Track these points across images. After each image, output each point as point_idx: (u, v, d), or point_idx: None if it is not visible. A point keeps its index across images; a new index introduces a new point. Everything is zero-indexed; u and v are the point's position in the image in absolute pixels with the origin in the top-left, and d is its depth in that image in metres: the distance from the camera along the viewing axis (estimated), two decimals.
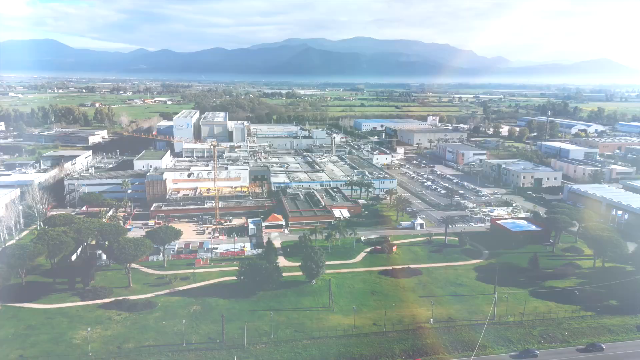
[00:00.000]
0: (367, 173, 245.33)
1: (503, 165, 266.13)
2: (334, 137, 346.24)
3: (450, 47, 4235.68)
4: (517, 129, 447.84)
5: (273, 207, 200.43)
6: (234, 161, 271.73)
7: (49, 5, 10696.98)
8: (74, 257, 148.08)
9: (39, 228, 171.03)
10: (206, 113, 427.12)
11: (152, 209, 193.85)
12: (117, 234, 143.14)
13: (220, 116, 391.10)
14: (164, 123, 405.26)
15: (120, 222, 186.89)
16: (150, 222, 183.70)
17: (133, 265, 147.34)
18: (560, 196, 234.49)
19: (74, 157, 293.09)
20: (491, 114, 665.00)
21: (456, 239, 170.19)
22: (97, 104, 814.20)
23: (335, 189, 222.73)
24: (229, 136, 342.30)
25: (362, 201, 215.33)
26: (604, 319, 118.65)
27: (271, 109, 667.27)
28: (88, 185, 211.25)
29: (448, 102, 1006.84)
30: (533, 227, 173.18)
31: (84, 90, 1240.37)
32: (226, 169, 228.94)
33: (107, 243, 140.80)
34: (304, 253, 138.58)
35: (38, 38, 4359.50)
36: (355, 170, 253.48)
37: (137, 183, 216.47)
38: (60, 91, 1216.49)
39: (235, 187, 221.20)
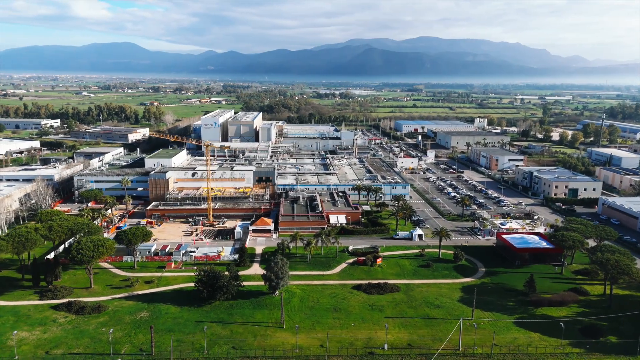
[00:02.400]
0: (379, 177, 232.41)
1: (535, 173, 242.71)
2: (356, 139, 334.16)
3: (521, 45, 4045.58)
4: (570, 133, 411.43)
5: (269, 210, 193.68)
6: (250, 161, 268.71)
7: (128, 11, 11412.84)
8: (52, 255, 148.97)
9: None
10: (239, 112, 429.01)
11: (148, 207, 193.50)
12: (89, 233, 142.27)
13: (250, 116, 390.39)
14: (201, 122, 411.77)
15: (116, 219, 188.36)
16: (143, 222, 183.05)
17: (105, 265, 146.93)
18: (595, 209, 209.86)
19: (104, 153, 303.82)
20: (550, 116, 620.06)
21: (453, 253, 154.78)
22: (155, 103, 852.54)
23: (340, 194, 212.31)
24: (256, 136, 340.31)
25: (366, 207, 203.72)
26: (593, 358, 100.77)
27: (317, 109, 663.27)
28: (96, 182, 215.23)
29: (508, 103, 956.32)
30: (544, 244, 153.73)
31: (151, 90, 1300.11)
32: (231, 169, 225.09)
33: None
34: (267, 263, 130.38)
35: (118, 41, 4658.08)
36: (369, 174, 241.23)
37: (148, 181, 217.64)
38: (130, 91, 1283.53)
39: (239, 188, 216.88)
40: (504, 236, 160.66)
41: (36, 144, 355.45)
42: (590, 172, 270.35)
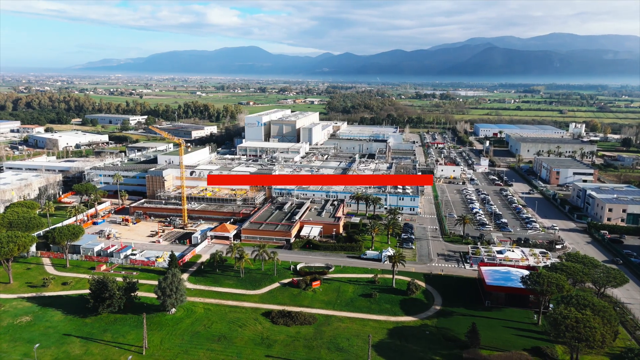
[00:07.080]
0: (389, 186, 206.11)
1: (588, 191, 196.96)
2: (389, 143, 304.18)
3: None
4: None
5: (249, 215, 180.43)
6: (273, 162, 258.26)
7: (256, 17, 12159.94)
8: None
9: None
10: (295, 112, 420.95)
11: (132, 204, 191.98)
12: (28, 228, 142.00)
13: (299, 116, 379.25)
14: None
15: (100, 214, 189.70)
16: (119, 218, 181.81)
17: (45, 260, 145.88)
18: None
19: (150, 148, 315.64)
20: None
21: (419, 283, 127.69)
22: (251, 103, 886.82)
23: (336, 202, 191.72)
24: (298, 136, 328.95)
25: (355, 219, 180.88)
26: None
27: (402, 110, 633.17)
28: (104, 176, 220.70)
29: (638, 107, 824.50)
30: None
31: (258, 91, 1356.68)
32: (229, 171, 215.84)
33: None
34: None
35: (244, 45, 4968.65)
36: None
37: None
38: (239, 91, 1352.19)
39: (233, 190, 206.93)
40: (483, 268, 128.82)
41: (105, 137, 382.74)
42: None
